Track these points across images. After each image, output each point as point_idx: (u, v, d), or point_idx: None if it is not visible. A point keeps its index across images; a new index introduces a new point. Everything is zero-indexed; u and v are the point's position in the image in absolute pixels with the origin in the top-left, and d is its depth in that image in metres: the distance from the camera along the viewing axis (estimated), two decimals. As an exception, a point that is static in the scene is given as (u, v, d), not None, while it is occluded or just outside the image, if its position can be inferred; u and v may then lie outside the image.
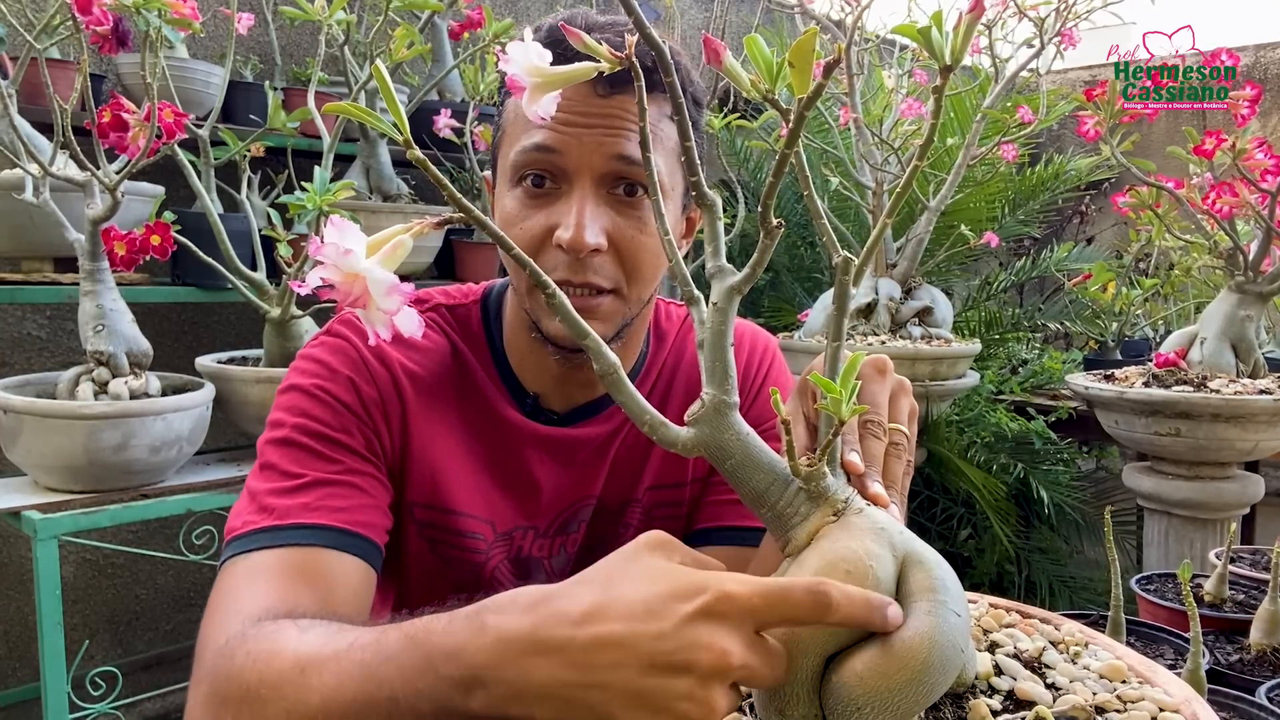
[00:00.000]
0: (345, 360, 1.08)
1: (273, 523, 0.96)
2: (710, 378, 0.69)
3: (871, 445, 0.78)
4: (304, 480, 1.00)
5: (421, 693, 0.68)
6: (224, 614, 0.87)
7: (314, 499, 0.99)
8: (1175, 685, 0.73)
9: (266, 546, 0.94)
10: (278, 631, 0.80)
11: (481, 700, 0.65)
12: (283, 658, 0.76)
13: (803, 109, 0.63)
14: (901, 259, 3.10)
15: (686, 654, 0.61)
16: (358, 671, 0.71)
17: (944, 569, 0.67)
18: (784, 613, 0.63)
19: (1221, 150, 2.31)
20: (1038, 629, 0.83)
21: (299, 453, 1.02)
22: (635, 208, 1.04)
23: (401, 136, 0.64)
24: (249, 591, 0.90)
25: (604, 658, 0.62)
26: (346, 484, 1.02)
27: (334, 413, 1.05)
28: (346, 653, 0.73)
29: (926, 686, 0.62)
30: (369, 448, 1.06)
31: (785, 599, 0.62)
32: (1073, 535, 4.00)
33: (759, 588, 0.63)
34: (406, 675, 0.69)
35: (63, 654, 2.06)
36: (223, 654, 0.80)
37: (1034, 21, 2.85)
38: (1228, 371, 2.50)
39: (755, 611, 0.62)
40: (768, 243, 0.68)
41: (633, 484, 1.22)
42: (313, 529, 0.96)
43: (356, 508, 1.01)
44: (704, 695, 0.61)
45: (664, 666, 0.61)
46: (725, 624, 0.62)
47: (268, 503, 0.98)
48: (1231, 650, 1.38)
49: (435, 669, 0.67)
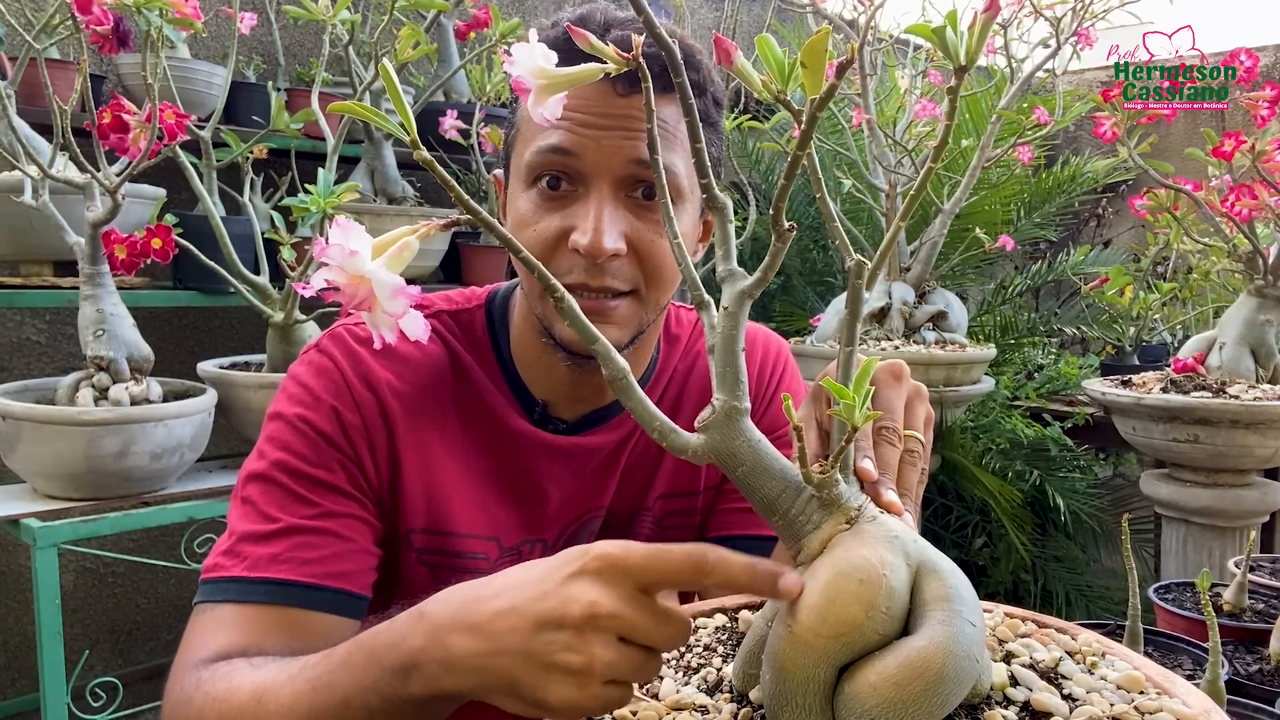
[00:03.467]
0: (329, 385, 1.06)
1: (242, 574, 0.98)
2: (721, 383, 0.69)
3: (886, 452, 0.78)
4: (278, 526, 1.00)
5: (369, 688, 0.75)
6: (185, 666, 0.92)
7: (284, 549, 0.99)
8: (1194, 696, 0.73)
9: (233, 600, 0.97)
10: (232, 671, 0.86)
11: (418, 683, 0.72)
12: (240, 693, 0.83)
13: (815, 110, 0.62)
14: (915, 262, 3.08)
15: (560, 608, 0.66)
16: (309, 685, 0.79)
17: (958, 578, 0.67)
18: (660, 570, 0.67)
19: (1240, 152, 2.30)
20: (1054, 639, 0.82)
21: (277, 493, 1.02)
22: (654, 211, 1.02)
23: (408, 137, 0.64)
24: (211, 643, 0.94)
25: (502, 624, 0.69)
26: (321, 531, 1.01)
27: (315, 448, 1.04)
28: (300, 673, 0.80)
29: (941, 697, 0.62)
30: (352, 482, 1.05)
31: (661, 558, 0.67)
32: (1089, 543, 4.00)
33: (636, 548, 0.68)
34: (354, 675, 0.76)
35: (62, 664, 2.05)
36: (181, 701, 0.88)
37: (1050, 21, 2.84)
38: (1247, 377, 2.50)
39: (630, 570, 0.67)
40: (779, 246, 0.67)
41: (644, 493, 1.20)
42: (279, 586, 0.97)
43: (329, 558, 1.00)
44: (582, 645, 0.66)
45: (545, 623, 0.67)
46: (599, 580, 0.67)
47: (240, 548, 1.00)
48: (1251, 660, 1.39)
49: (379, 662, 0.75)
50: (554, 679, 0.66)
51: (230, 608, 0.96)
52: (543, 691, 0.67)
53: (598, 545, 0.69)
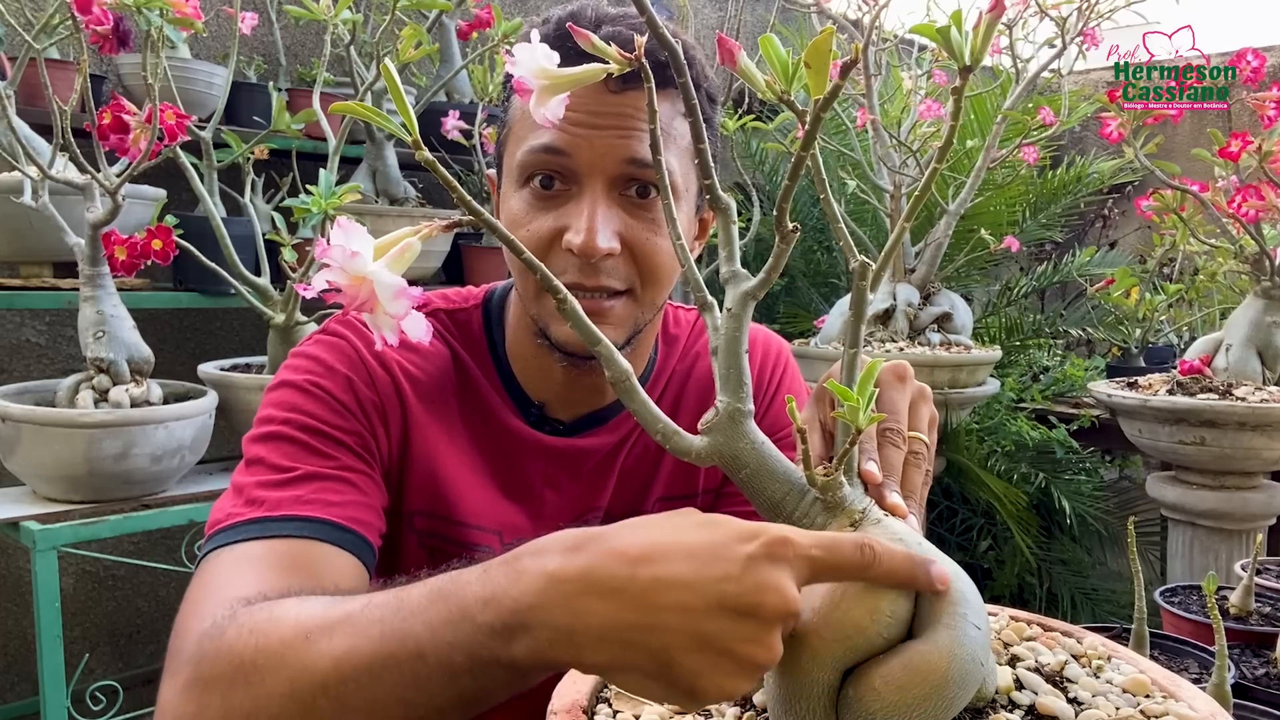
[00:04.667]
0: (343, 359, 1.04)
1: (262, 514, 0.90)
2: (724, 385, 0.69)
3: (890, 454, 0.77)
4: (296, 473, 0.95)
5: (455, 644, 0.64)
6: (208, 602, 0.80)
7: (307, 492, 0.94)
8: (1200, 700, 0.73)
9: (254, 538, 0.89)
10: (276, 604, 0.74)
11: (525, 646, 0.62)
12: (284, 624, 0.71)
13: (819, 110, 0.62)
14: (920, 264, 3.07)
15: (754, 595, 0.59)
16: (375, 630, 0.67)
17: (963, 581, 0.67)
18: (835, 562, 0.62)
19: (1247, 153, 2.31)
20: (1059, 642, 0.82)
21: (291, 446, 0.97)
22: (648, 209, 1.01)
23: (410, 137, 0.64)
24: (237, 580, 0.83)
25: (668, 598, 0.59)
26: (341, 479, 0.97)
27: (329, 409, 1.00)
28: (361, 613, 0.69)
29: (945, 701, 0.62)
30: (364, 447, 1.02)
31: (837, 549, 0.62)
32: (1095, 546, 3.98)
33: (814, 536, 0.62)
34: (435, 628, 0.65)
35: (62, 668, 2.04)
36: (208, 635, 0.74)
37: (1056, 21, 2.83)
38: (1254, 379, 2.51)
39: (811, 560, 0.62)
40: (783, 247, 0.67)
41: (642, 495, 1.20)
42: (305, 521, 0.91)
43: (352, 504, 0.96)
44: (768, 639, 0.60)
45: (731, 609, 0.59)
46: (787, 567, 0.61)
47: (256, 495, 0.93)
48: (1258, 664, 1.38)
49: (471, 617, 0.64)
50: (724, 668, 0.59)
51: (253, 545, 0.88)
52: (705, 679, 0.60)
53: (774, 527, 0.62)
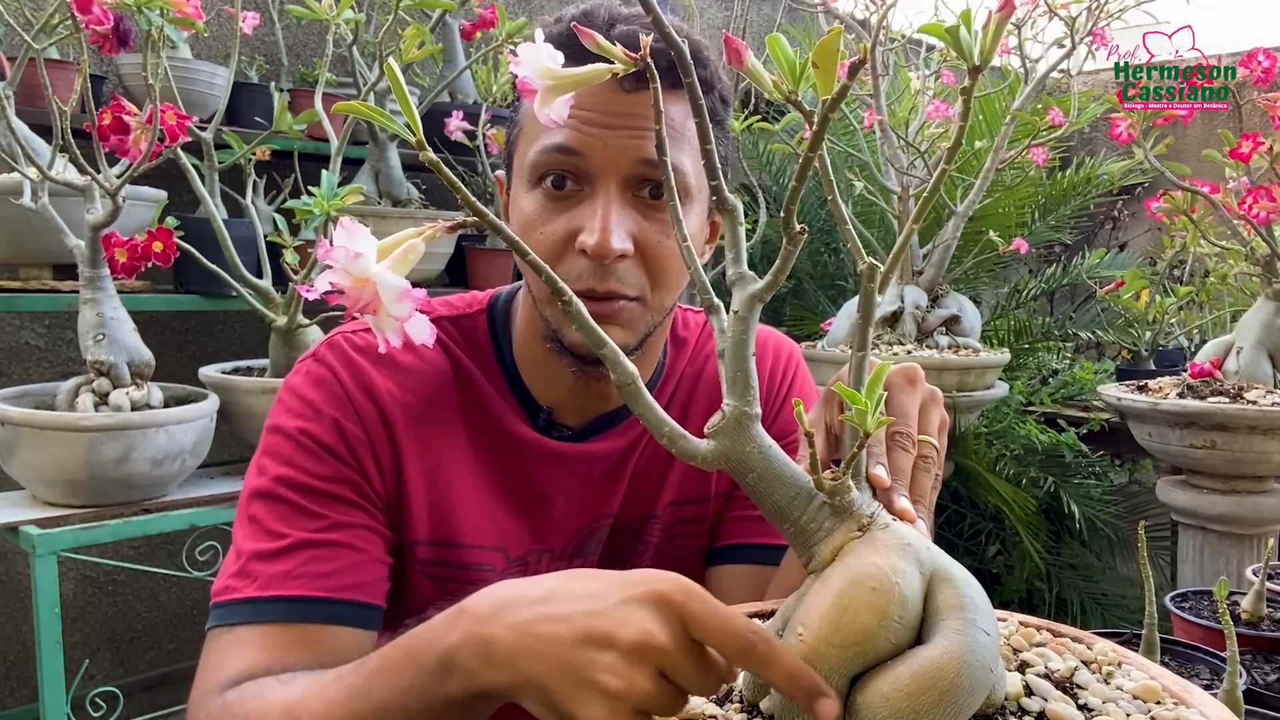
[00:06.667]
0: (329, 397, 1.04)
1: (254, 594, 0.96)
2: (731, 388, 0.69)
3: (899, 458, 0.77)
4: (287, 542, 0.98)
5: (406, 690, 0.74)
6: (206, 693, 0.90)
7: (296, 565, 0.97)
8: (1211, 706, 0.72)
9: (248, 621, 0.95)
10: (261, 689, 0.84)
11: (456, 680, 0.71)
12: (271, 710, 0.81)
13: (827, 111, 0.62)
14: (928, 266, 3.07)
15: (612, 628, 0.65)
16: (345, 693, 0.77)
17: (972, 586, 0.68)
18: (714, 630, 0.65)
19: (1258, 154, 2.30)
20: (1069, 648, 0.82)
21: (282, 508, 1.00)
22: (662, 210, 1.00)
23: (414, 138, 0.63)
24: (230, 665, 0.91)
25: (546, 629, 0.67)
26: (331, 544, 0.99)
27: (318, 460, 1.02)
28: (334, 682, 0.79)
29: (955, 707, 0.62)
30: (359, 492, 1.03)
31: (721, 620, 0.65)
32: (1105, 551, 3.97)
33: (699, 595, 0.66)
34: (390, 678, 0.75)
35: (62, 674, 2.04)
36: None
37: (1065, 21, 2.83)
38: (1265, 382, 2.48)
39: (688, 616, 0.66)
40: (790, 249, 0.66)
41: (652, 500, 1.18)
42: (294, 603, 0.96)
43: (344, 569, 0.99)
44: (626, 671, 0.64)
45: (593, 640, 0.65)
46: (657, 612, 0.66)
47: (251, 567, 0.98)
48: (1270, 670, 1.37)
49: (416, 662, 0.73)
50: (588, 696, 0.65)
51: (246, 629, 0.94)
52: (574, 705, 0.65)
53: (660, 576, 0.67)
